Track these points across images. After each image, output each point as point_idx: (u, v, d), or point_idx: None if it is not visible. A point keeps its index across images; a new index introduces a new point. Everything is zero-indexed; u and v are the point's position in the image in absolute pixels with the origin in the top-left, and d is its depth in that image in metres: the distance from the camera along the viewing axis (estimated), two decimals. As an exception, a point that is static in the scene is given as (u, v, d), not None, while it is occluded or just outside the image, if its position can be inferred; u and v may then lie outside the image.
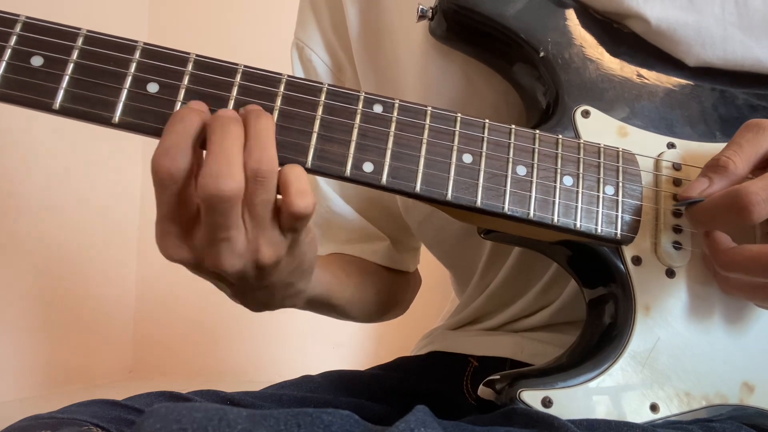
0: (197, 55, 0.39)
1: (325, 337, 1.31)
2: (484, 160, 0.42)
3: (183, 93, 0.38)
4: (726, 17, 0.47)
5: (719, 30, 0.47)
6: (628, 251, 0.43)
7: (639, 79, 0.47)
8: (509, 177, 0.42)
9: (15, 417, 0.41)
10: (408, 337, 0.77)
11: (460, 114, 0.42)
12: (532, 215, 0.41)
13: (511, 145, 0.42)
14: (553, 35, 0.47)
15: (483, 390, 0.42)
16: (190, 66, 0.39)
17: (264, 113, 0.37)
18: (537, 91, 0.48)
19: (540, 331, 0.55)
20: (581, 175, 0.43)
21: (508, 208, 0.41)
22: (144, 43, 0.39)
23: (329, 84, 0.41)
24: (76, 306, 1.15)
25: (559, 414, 0.38)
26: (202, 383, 0.53)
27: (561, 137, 0.43)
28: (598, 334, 0.44)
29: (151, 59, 0.39)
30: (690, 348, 0.43)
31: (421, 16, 0.49)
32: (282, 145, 0.39)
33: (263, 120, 0.37)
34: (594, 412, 0.40)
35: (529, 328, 0.55)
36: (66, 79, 0.37)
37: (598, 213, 0.42)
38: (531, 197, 0.42)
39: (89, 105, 0.38)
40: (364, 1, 0.58)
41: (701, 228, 0.42)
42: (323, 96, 0.40)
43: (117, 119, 0.38)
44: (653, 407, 0.41)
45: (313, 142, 0.39)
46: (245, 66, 0.40)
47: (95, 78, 0.38)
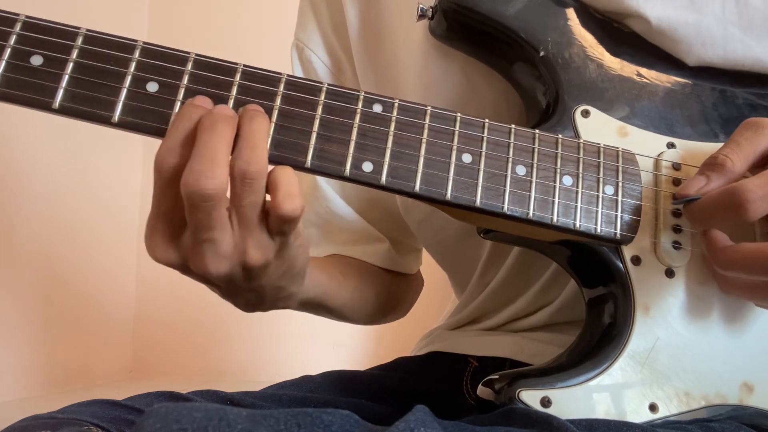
0: (197, 55, 0.39)
1: (325, 337, 1.31)
2: (483, 159, 0.41)
3: (183, 92, 0.38)
4: (726, 16, 0.47)
5: (719, 29, 0.47)
6: (627, 251, 0.43)
7: (639, 79, 0.47)
8: (509, 177, 0.42)
9: (15, 417, 0.41)
10: (408, 338, 0.76)
11: (459, 114, 0.42)
12: (531, 215, 0.41)
13: (511, 145, 0.42)
14: (553, 35, 0.47)
15: (482, 390, 0.42)
16: (189, 65, 0.39)
17: (259, 114, 0.37)
18: (537, 91, 0.48)
19: (540, 331, 0.55)
20: (581, 175, 0.43)
21: (507, 207, 0.41)
22: (144, 43, 0.39)
23: (329, 83, 0.41)
24: (76, 306, 1.15)
25: (559, 414, 0.37)
26: (202, 383, 0.53)
27: (561, 137, 0.43)
28: (597, 333, 0.44)
29: (151, 58, 0.39)
30: (689, 348, 0.43)
31: (421, 15, 0.48)
32: (281, 145, 0.39)
33: (256, 121, 0.37)
34: (593, 411, 0.40)
35: (529, 327, 0.55)
36: (66, 79, 0.37)
37: (597, 213, 0.42)
38: (530, 197, 0.42)
39: (89, 104, 0.38)
40: (364, 1, 0.58)
41: (699, 226, 0.42)
42: (323, 95, 0.40)
43: (117, 119, 0.38)
44: (652, 407, 0.41)
45: (313, 141, 0.39)
46: (245, 65, 0.40)
47: (95, 77, 0.38)
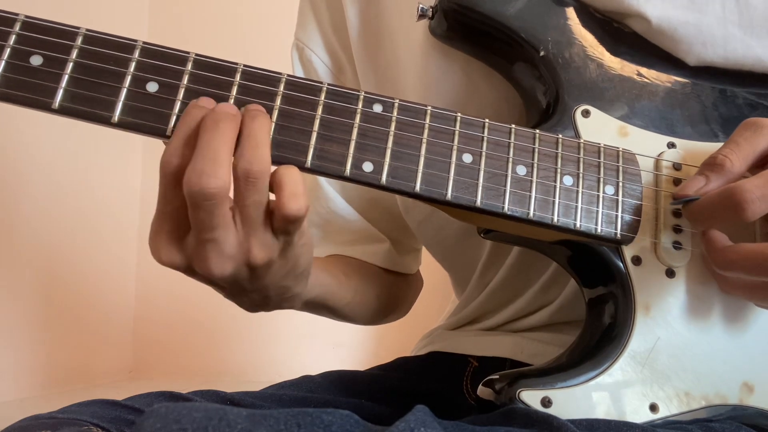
0: (197, 55, 0.39)
1: (325, 337, 1.31)
2: (484, 159, 0.41)
3: (182, 92, 0.38)
4: (727, 16, 0.47)
5: (720, 29, 0.47)
6: (628, 251, 0.43)
7: (639, 79, 0.47)
8: (509, 177, 0.42)
9: (15, 417, 0.41)
10: (408, 338, 0.76)
11: (460, 113, 0.42)
12: (532, 215, 0.41)
13: (511, 145, 0.42)
14: (554, 34, 0.46)
15: (482, 390, 0.42)
16: (189, 65, 0.39)
17: (261, 113, 0.37)
18: (537, 91, 0.48)
19: (540, 331, 0.55)
20: (581, 175, 0.43)
21: (507, 207, 0.41)
22: (143, 43, 0.39)
23: (329, 83, 0.41)
24: (76, 306, 1.15)
25: (559, 414, 0.37)
26: (202, 383, 0.53)
27: (561, 137, 0.43)
28: (597, 333, 0.44)
29: (151, 58, 0.39)
30: (690, 348, 0.43)
31: (421, 15, 0.48)
32: (281, 145, 0.39)
33: (258, 120, 0.36)
34: (593, 412, 0.40)
35: (529, 327, 0.55)
36: (65, 79, 0.37)
37: (598, 213, 0.42)
38: (531, 197, 0.42)
39: (89, 104, 0.38)
40: (364, 1, 0.58)
41: (698, 226, 0.42)
42: (323, 95, 0.40)
43: (116, 119, 0.38)
44: (653, 407, 0.41)
45: (313, 141, 0.39)
46: (245, 65, 0.40)
47: (95, 77, 0.38)
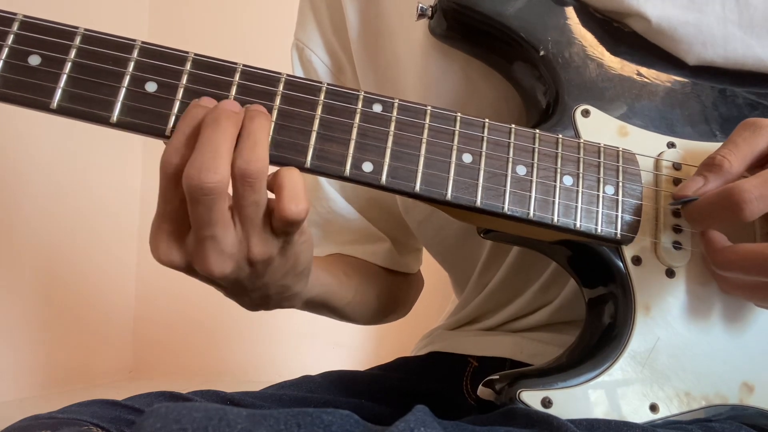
0: (196, 54, 0.39)
1: (325, 337, 1.31)
2: (483, 159, 0.41)
3: (182, 92, 0.38)
4: (727, 15, 0.47)
5: (720, 29, 0.47)
6: (628, 251, 0.43)
7: (639, 78, 0.47)
8: (509, 177, 0.41)
9: (15, 417, 0.40)
10: (408, 338, 0.76)
11: (459, 113, 0.42)
12: (532, 215, 0.41)
13: (511, 145, 0.42)
14: (553, 34, 0.46)
15: (482, 390, 0.42)
16: (188, 65, 0.39)
17: (261, 114, 0.37)
18: (537, 91, 0.47)
19: (539, 331, 0.55)
20: (581, 175, 0.43)
21: (507, 207, 0.41)
22: (142, 42, 0.39)
23: (329, 83, 0.40)
24: (76, 306, 1.15)
25: (559, 414, 0.37)
26: (202, 383, 0.53)
27: (561, 137, 0.43)
28: (597, 334, 0.44)
29: (150, 58, 0.38)
30: (690, 348, 0.42)
31: (421, 15, 0.48)
32: (281, 145, 0.39)
33: (257, 120, 0.36)
34: (593, 412, 0.40)
35: (528, 327, 0.55)
36: (64, 79, 0.37)
37: (598, 213, 0.42)
38: (531, 197, 0.41)
39: (87, 104, 0.37)
40: (363, 1, 0.58)
41: (697, 226, 0.42)
42: (322, 95, 0.40)
43: (115, 119, 0.38)
44: (653, 407, 0.41)
45: (313, 141, 0.39)
46: (244, 65, 0.40)
47: (93, 77, 0.38)
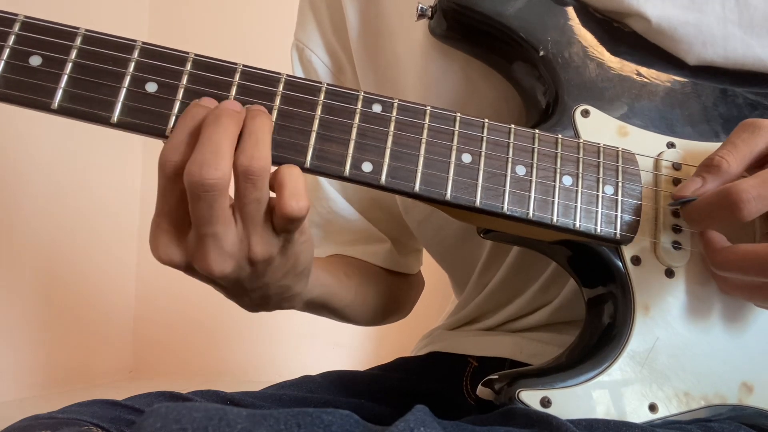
0: (196, 55, 0.39)
1: (325, 338, 1.31)
2: (483, 159, 0.41)
3: (182, 92, 0.38)
4: (727, 15, 0.47)
5: (720, 28, 0.47)
6: (627, 251, 0.43)
7: (639, 78, 0.47)
8: (508, 177, 0.42)
9: (15, 417, 0.40)
10: (408, 338, 0.76)
11: (459, 113, 0.42)
12: (531, 215, 0.41)
13: (511, 145, 0.42)
14: (553, 34, 0.46)
15: (482, 390, 0.42)
16: (188, 65, 0.39)
17: (262, 113, 0.37)
18: (537, 91, 0.48)
19: (539, 331, 0.55)
20: (581, 175, 0.43)
21: (507, 208, 0.41)
22: (143, 43, 0.39)
23: (328, 83, 0.41)
24: (76, 306, 1.15)
25: (559, 414, 0.37)
26: (202, 383, 0.53)
27: (560, 137, 0.43)
28: (597, 333, 0.44)
29: (150, 59, 0.39)
30: (689, 348, 0.43)
31: (421, 15, 0.48)
32: (281, 145, 0.39)
33: (259, 119, 0.37)
34: (593, 412, 0.40)
35: (528, 327, 0.55)
36: (65, 79, 0.37)
37: (597, 213, 0.42)
38: (530, 197, 0.41)
39: (88, 105, 0.38)
40: (363, 1, 0.58)
41: (695, 227, 0.42)
42: (322, 95, 0.40)
43: (116, 119, 0.38)
44: (652, 407, 0.41)
45: (312, 141, 0.39)
46: (244, 65, 0.40)
47: (94, 77, 0.38)
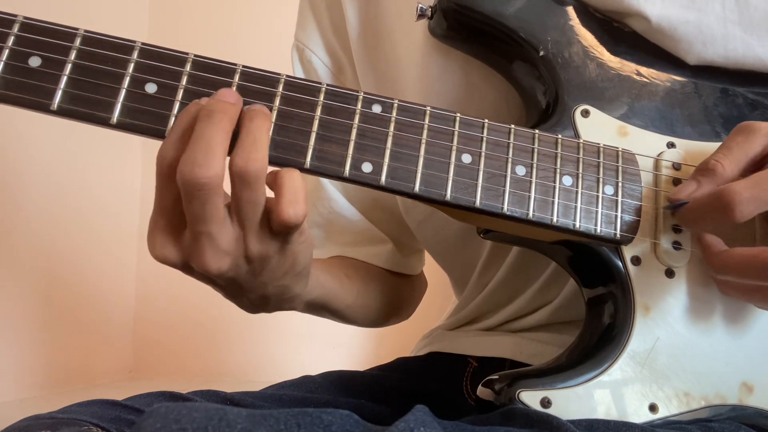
0: (195, 56, 0.39)
1: (325, 338, 1.31)
2: (483, 160, 0.41)
3: (181, 93, 0.38)
4: (727, 15, 0.47)
5: (720, 28, 0.47)
6: (627, 251, 0.43)
7: (639, 78, 0.47)
8: (508, 177, 0.42)
9: (15, 417, 0.41)
10: (408, 338, 0.76)
11: (459, 114, 0.42)
12: (531, 215, 0.41)
13: (511, 145, 0.42)
14: (553, 34, 0.46)
15: (482, 390, 0.42)
16: (188, 66, 0.39)
17: (260, 113, 0.37)
18: (537, 91, 0.47)
19: (539, 331, 0.55)
20: (581, 175, 0.43)
21: (507, 208, 0.41)
22: (142, 44, 0.39)
23: (328, 84, 0.41)
24: (76, 306, 1.15)
25: (558, 414, 0.37)
26: (202, 383, 0.53)
27: (560, 137, 0.43)
28: (597, 334, 0.44)
29: (149, 59, 0.39)
30: (690, 348, 0.43)
31: (421, 15, 0.48)
32: (280, 146, 0.39)
33: (257, 119, 0.36)
34: (593, 412, 0.40)
35: (528, 327, 0.55)
36: (64, 80, 0.37)
37: (597, 213, 0.42)
38: (530, 197, 0.41)
39: (87, 106, 0.38)
40: (363, 2, 0.57)
41: (690, 228, 0.42)
42: (322, 96, 0.40)
43: (115, 120, 0.38)
44: (652, 407, 0.41)
45: (312, 142, 0.39)
46: (244, 66, 0.40)
47: (93, 78, 0.38)
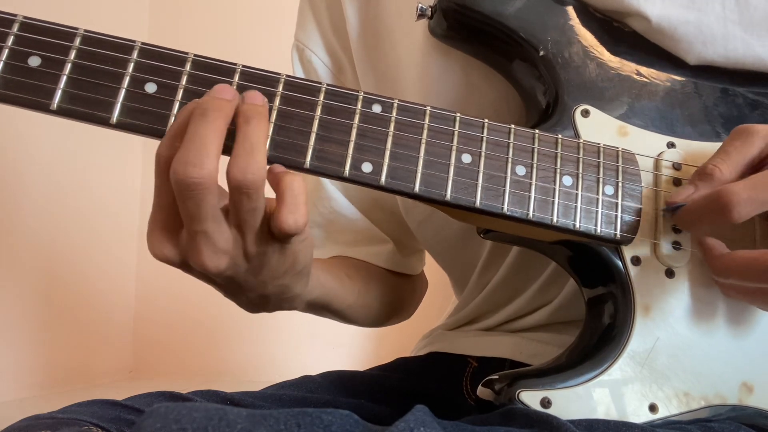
0: (195, 55, 0.39)
1: (325, 338, 1.31)
2: (483, 160, 0.41)
3: (181, 93, 0.38)
4: (727, 15, 0.47)
5: (720, 28, 0.47)
6: (627, 251, 0.43)
7: (639, 78, 0.47)
8: (508, 177, 0.41)
9: (15, 417, 0.41)
10: (408, 338, 0.76)
11: (459, 114, 0.42)
12: (531, 215, 0.41)
13: (511, 145, 0.42)
14: (553, 34, 0.46)
15: (482, 390, 0.42)
16: (188, 66, 0.39)
17: (258, 114, 0.36)
18: (537, 91, 0.47)
19: (539, 331, 0.55)
20: (581, 175, 0.43)
21: (507, 208, 0.41)
22: (142, 43, 0.39)
23: (328, 84, 0.40)
24: (76, 306, 1.15)
25: (558, 414, 0.37)
26: (202, 383, 0.53)
27: (560, 137, 0.43)
28: (597, 334, 0.44)
29: (149, 59, 0.39)
30: (690, 348, 0.42)
31: (421, 15, 0.48)
32: (280, 146, 0.39)
33: (254, 122, 0.35)
34: (593, 412, 0.40)
35: (528, 327, 0.55)
36: (64, 80, 0.37)
37: (597, 213, 0.42)
38: (530, 197, 0.41)
39: (87, 106, 0.38)
40: (363, 1, 0.57)
41: (688, 230, 0.42)
42: (322, 96, 0.40)
43: (115, 120, 0.38)
44: (652, 407, 0.41)
45: (312, 142, 0.39)
46: (244, 66, 0.40)
47: (93, 78, 0.38)
